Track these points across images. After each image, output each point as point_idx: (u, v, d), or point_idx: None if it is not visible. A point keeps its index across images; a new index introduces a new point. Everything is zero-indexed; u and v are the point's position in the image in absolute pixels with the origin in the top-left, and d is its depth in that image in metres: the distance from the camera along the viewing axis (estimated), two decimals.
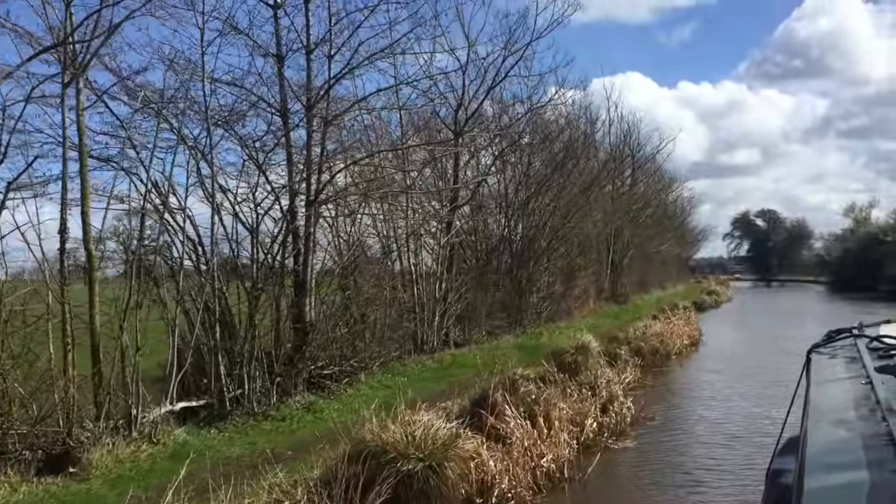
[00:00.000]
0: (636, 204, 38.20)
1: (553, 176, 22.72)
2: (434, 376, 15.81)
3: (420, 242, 17.54)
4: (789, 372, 4.35)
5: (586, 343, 16.18)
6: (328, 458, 8.44)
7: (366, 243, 16.73)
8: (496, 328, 20.84)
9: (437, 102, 17.70)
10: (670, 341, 21.44)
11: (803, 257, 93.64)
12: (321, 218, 14.90)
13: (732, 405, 15.40)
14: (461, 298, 18.45)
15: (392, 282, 17.05)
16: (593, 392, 13.67)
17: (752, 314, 38.11)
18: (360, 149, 15.60)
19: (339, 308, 14.74)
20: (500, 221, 21.81)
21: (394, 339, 16.35)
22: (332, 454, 8.55)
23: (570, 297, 26.92)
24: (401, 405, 9.22)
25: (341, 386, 13.78)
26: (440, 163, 17.97)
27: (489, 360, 18.28)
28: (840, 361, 2.60)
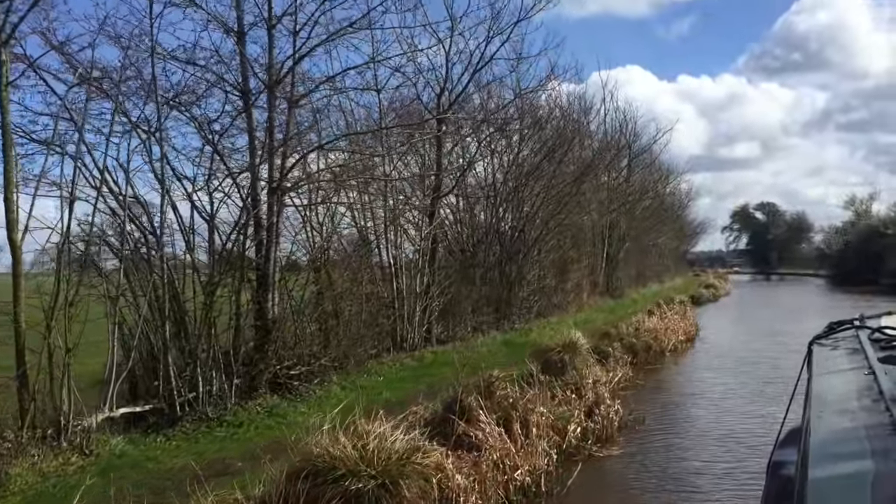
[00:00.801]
0: (632, 195, 37.26)
1: (543, 164, 21.76)
2: (412, 376, 14.94)
3: (400, 233, 16.61)
4: (787, 368, 3.99)
5: (574, 340, 15.30)
6: (277, 472, 7.58)
7: (341, 234, 15.80)
8: (482, 324, 19.95)
9: (419, 86, 16.78)
10: (665, 337, 20.56)
11: (803, 250, 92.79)
12: (293, 207, 14.03)
13: (727, 404, 14.54)
14: (444, 292, 17.55)
15: (370, 275, 16.15)
16: (579, 394, 12.80)
17: (750, 308, 37.23)
18: (333, 133, 14.70)
19: (310, 303, 13.84)
20: (487, 211, 20.86)
21: (370, 335, 15.46)
22: (282, 468, 7.69)
23: (562, 291, 26.02)
24: (359, 412, 8.30)
25: (311, 387, 12.90)
26: (422, 149, 17.03)
27: (473, 358, 17.47)
28: (842, 353, 2.57)
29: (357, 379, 14.17)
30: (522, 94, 19.25)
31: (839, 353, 2.59)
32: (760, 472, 2.95)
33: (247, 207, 11.18)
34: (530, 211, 22.23)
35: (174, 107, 10.67)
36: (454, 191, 18.49)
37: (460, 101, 18.06)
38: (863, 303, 30.32)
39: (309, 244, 14.01)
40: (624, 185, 36.90)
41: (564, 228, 25.99)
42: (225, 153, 11.34)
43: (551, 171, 22.28)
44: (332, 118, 15.29)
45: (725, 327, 28.48)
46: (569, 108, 25.59)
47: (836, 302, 37.22)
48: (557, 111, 24.82)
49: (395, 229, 16.56)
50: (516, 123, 21.47)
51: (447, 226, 20.57)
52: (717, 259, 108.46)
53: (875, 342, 2.57)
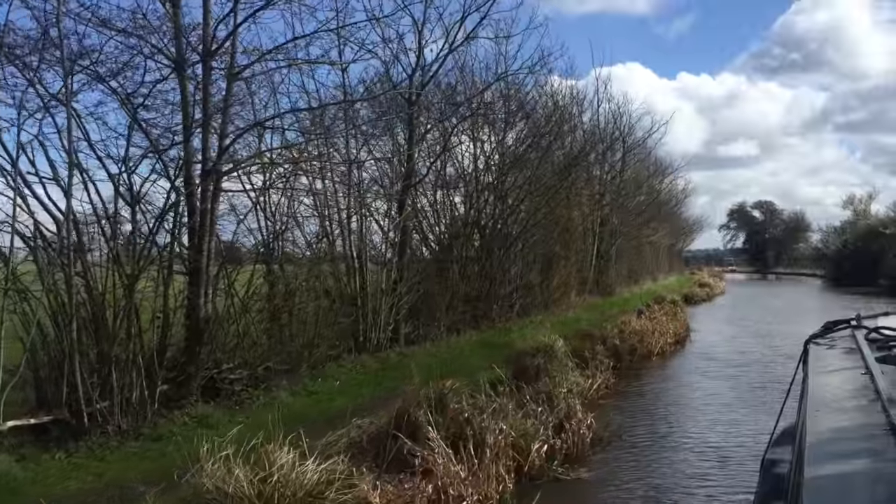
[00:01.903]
0: (626, 190, 35.97)
1: (528, 153, 20.47)
2: (373, 380, 13.68)
3: (366, 224, 15.34)
4: (780, 373, 3.96)
5: (550, 344, 14.08)
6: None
7: (300, 223, 14.50)
8: (458, 323, 18.68)
9: (390, 65, 15.47)
10: (652, 339, 19.32)
11: (800, 250, 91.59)
12: (245, 193, 12.76)
13: (715, 413, 13.35)
14: (414, 289, 16.28)
15: (332, 269, 14.89)
16: (550, 404, 11.56)
17: (745, 309, 35.99)
18: (292, 114, 13.40)
19: (259, 299, 12.58)
20: (466, 203, 19.58)
21: (329, 335, 14.21)
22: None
23: (547, 289, 24.74)
24: (278, 431, 7.04)
25: (256, 392, 11.66)
26: (390, 134, 15.74)
27: (442, 361, 16.22)
28: (838, 352, 2.54)
29: (311, 384, 12.93)
30: (505, 76, 17.91)
31: (835, 353, 2.54)
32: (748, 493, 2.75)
33: (176, 189, 9.89)
34: (513, 203, 20.96)
35: (91, 75, 9.36)
36: (427, 178, 17.18)
37: (436, 83, 16.77)
38: (861, 304, 29.14)
39: (261, 234, 12.73)
40: (617, 178, 35.61)
41: (551, 222, 24.73)
42: (152, 130, 10.03)
43: (537, 160, 20.98)
44: (291, 98, 14.01)
45: (718, 328, 27.27)
46: (558, 96, 24.24)
47: (833, 303, 35.98)
48: (547, 100, 23.56)
49: (361, 219, 15.27)
50: (500, 109, 20.19)
51: (421, 217, 19.29)
52: (715, 257, 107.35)
53: (872, 342, 2.51)
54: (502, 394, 12.22)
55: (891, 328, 2.65)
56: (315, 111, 11.73)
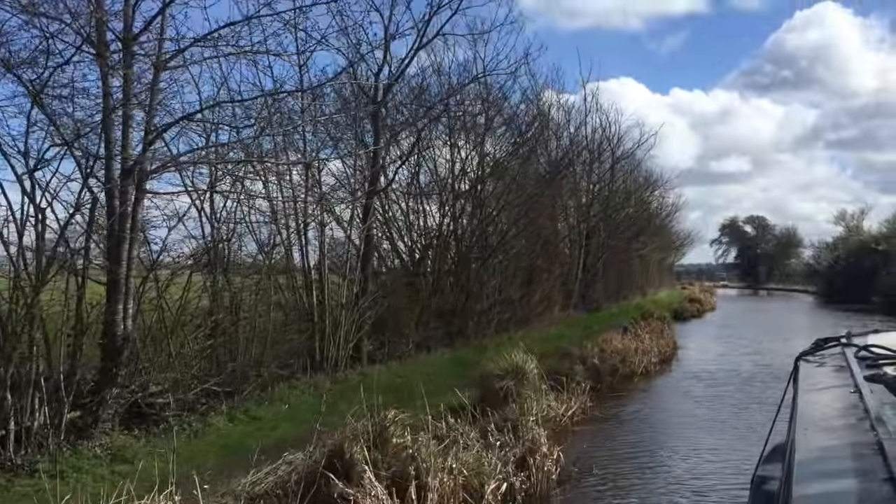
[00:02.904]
0: (614, 201, 34.95)
1: (509, 160, 19.40)
2: (328, 403, 12.48)
3: (326, 232, 14.19)
4: (768, 396, 4.04)
5: (521, 365, 12.94)
6: None
7: (252, 229, 13.34)
8: (429, 339, 17.53)
9: (354, 59, 14.37)
10: (635, 359, 18.19)
11: (792, 265, 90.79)
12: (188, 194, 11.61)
13: (696, 441, 12.23)
14: (378, 303, 15.12)
15: (287, 280, 13.74)
16: (516, 434, 10.41)
17: (736, 326, 34.89)
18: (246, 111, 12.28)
19: (199, 313, 11.40)
20: (440, 212, 18.48)
21: (280, 353, 13.04)
22: None
23: (528, 304, 23.62)
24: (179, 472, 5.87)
25: (191, 418, 10.49)
26: (357, 135, 14.62)
27: (409, 381, 15.04)
28: (828, 370, 2.54)
29: (255, 408, 11.73)
30: (480, 77, 16.83)
31: (825, 370, 2.52)
32: None
33: (89, 189, 8.74)
34: (492, 212, 19.88)
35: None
36: (397, 185, 16.08)
37: (406, 83, 15.71)
38: (854, 322, 28.13)
39: (204, 241, 11.57)
40: (606, 189, 34.60)
41: (533, 233, 23.66)
42: (66, 123, 8.89)
43: (517, 166, 19.91)
44: (246, 95, 12.86)
45: (707, 346, 26.17)
46: (541, 101, 23.22)
47: (825, 320, 34.94)
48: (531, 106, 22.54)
49: (321, 226, 14.14)
50: (479, 114, 19.13)
51: (392, 227, 18.18)
52: (706, 272, 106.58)
53: (861, 360, 2.49)
54: (464, 422, 11.13)
55: (880, 346, 2.62)
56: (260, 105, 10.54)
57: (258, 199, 12.76)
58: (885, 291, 45.17)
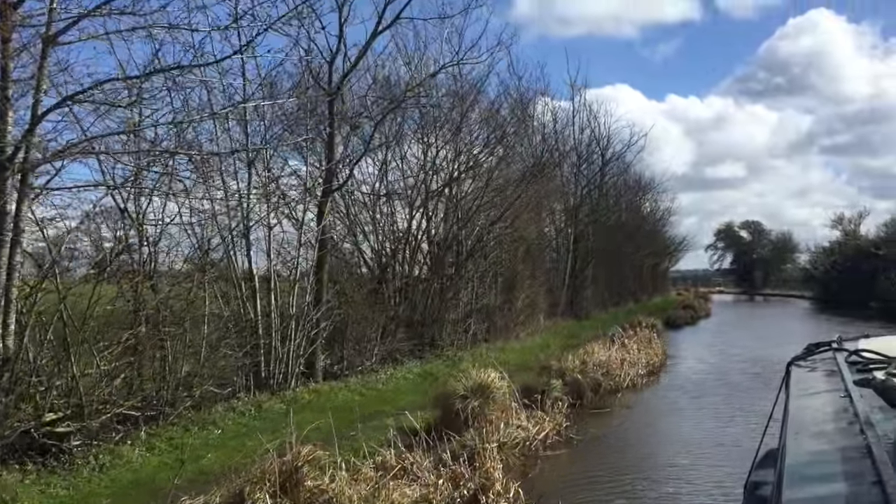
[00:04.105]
0: (603, 203, 33.65)
1: (486, 157, 18.07)
2: (269, 427, 11.07)
3: (271, 236, 12.81)
4: (761, 409, 2.51)
5: (487, 383, 11.56)
6: None
7: (192, 232, 11.96)
8: (397, 352, 16.15)
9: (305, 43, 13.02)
10: (620, 371, 16.81)
11: (788, 270, 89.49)
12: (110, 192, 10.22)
13: (683, 465, 10.88)
14: (334, 313, 13.74)
15: (226, 289, 12.35)
16: (472, 464, 9.03)
17: (730, 333, 33.50)
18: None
19: (112, 328, 10.00)
20: (409, 213, 17.13)
21: (217, 371, 11.64)
22: None
23: (511, 311, 22.25)
24: None
25: (95, 449, 9.08)
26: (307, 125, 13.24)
27: (366, 400, 13.66)
28: (819, 374, 2.58)
29: (181, 434, 10.32)
30: (450, 65, 15.47)
31: (817, 375, 2.58)
32: None
33: None
34: (467, 213, 18.52)
35: None
36: (359, 184, 14.72)
37: (366, 73, 14.36)
38: (852, 329, 26.79)
39: (118, 244, 10.18)
40: (595, 192, 33.30)
41: (515, 238, 22.32)
42: None
43: (494, 161, 18.57)
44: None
45: (699, 355, 24.78)
46: (523, 97, 21.91)
47: (822, 327, 33.58)
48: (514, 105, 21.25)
49: (267, 229, 12.76)
50: (454, 109, 17.79)
51: (358, 229, 16.81)
52: (702, 278, 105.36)
53: (852, 364, 2.54)
54: (418, 448, 9.75)
55: (870, 351, 2.61)
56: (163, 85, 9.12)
57: (194, 198, 11.32)
58: (884, 297, 43.84)
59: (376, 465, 9.29)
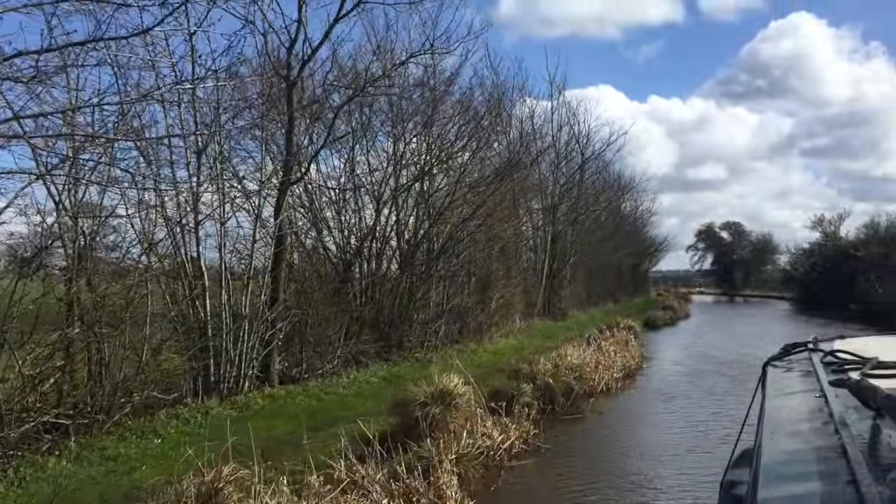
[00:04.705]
0: (582, 202, 33.11)
1: (455, 152, 17.39)
2: (215, 435, 10.31)
3: (224, 230, 12.04)
4: (737, 413, 4.00)
5: (449, 389, 10.87)
6: None
7: (140, 224, 11.17)
8: (361, 354, 15.43)
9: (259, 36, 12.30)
10: (595, 375, 16.21)
11: (768, 272, 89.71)
12: None
13: (650, 474, 10.31)
14: (292, 313, 13.01)
15: (172, 286, 11.58)
16: (427, 478, 8.36)
17: (710, 335, 33.07)
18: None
19: (36, 329, 9.20)
20: (376, 208, 16.41)
21: (160, 376, 10.88)
22: None
23: (483, 313, 21.59)
24: None
25: (25, 460, 8.32)
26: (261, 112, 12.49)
27: (324, 406, 12.94)
28: (795, 375, 2.57)
29: (116, 444, 9.54)
30: (420, 54, 14.75)
31: (792, 375, 2.58)
32: None
33: None
34: (436, 212, 17.84)
35: None
36: (320, 177, 13.99)
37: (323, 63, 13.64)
38: (832, 331, 26.43)
39: (42, 236, 9.38)
40: (574, 190, 32.74)
41: (490, 236, 21.68)
42: None
43: (465, 162, 17.92)
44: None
45: (677, 357, 24.29)
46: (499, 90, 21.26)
47: (802, 329, 33.34)
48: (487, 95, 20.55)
49: (219, 222, 12.00)
50: (426, 99, 17.10)
51: (322, 225, 16.08)
52: (683, 278, 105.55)
53: (827, 365, 2.53)
54: (372, 460, 9.06)
55: (845, 352, 2.62)
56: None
57: (138, 188, 10.54)
58: (863, 298, 43.77)
59: (325, 478, 8.66)
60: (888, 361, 2.40)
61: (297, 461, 9.17)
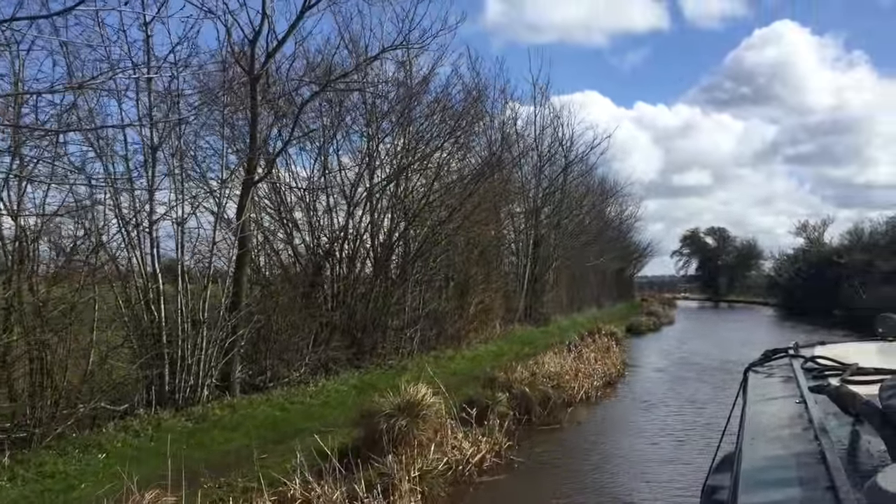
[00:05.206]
0: (566, 204, 32.63)
1: (430, 151, 16.84)
2: (165, 449, 9.68)
3: (182, 230, 11.41)
4: (719, 423, 3.74)
5: (417, 399, 10.29)
6: None
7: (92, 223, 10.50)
8: (332, 361, 14.82)
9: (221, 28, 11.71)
10: (574, 383, 15.68)
11: (753, 277, 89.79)
12: None
13: (626, 489, 9.78)
14: (254, 318, 12.39)
15: (124, 289, 10.93)
16: (387, 498, 7.78)
17: (694, 341, 32.64)
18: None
19: None
20: (348, 210, 15.81)
21: (106, 385, 10.21)
22: None
23: (462, 318, 21.02)
24: None
25: None
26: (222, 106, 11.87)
27: (288, 417, 12.30)
28: (776, 380, 2.59)
29: (56, 459, 8.88)
30: (393, 49, 14.17)
31: (773, 381, 2.58)
32: None
33: None
34: (412, 213, 17.27)
35: None
36: (272, 176, 13.37)
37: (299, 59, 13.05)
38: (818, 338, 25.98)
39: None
40: (557, 193, 32.26)
41: (470, 239, 21.14)
42: None
43: (442, 161, 17.37)
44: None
45: (660, 364, 23.83)
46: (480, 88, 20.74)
47: (786, 336, 33.02)
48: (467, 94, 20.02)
49: (177, 226, 11.36)
50: (401, 101, 16.54)
51: (292, 226, 15.46)
52: (669, 284, 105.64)
53: (807, 371, 2.55)
54: (329, 478, 8.46)
55: (825, 358, 2.62)
56: None
57: (85, 184, 9.90)
58: (847, 305, 43.56)
59: (278, 497, 8.07)
60: (867, 368, 2.38)
61: (251, 478, 8.60)
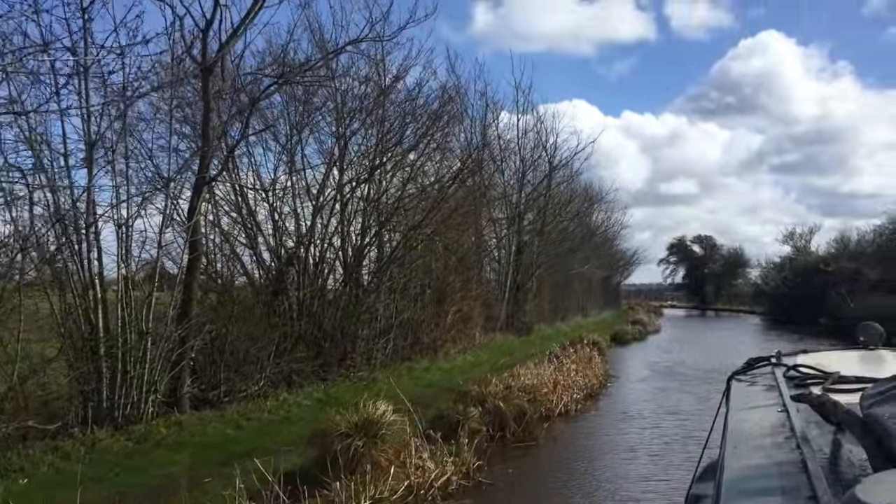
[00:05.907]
0: (551, 209, 31.92)
1: (401, 152, 16.05)
2: (97, 473, 8.78)
3: (123, 233, 10.52)
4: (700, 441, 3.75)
5: (375, 418, 9.45)
6: None
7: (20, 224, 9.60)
8: (295, 373, 13.94)
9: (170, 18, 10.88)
10: (553, 396, 14.87)
11: (739, 285, 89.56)
12: None
13: None
14: (203, 329, 11.50)
15: (69, 298, 10.02)
16: None
17: (679, 350, 31.92)
18: None
19: None
20: (314, 214, 14.97)
21: (34, 402, 9.31)
22: None
23: (438, 327, 20.20)
24: None
25: None
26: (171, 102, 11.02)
27: (239, 436, 11.41)
28: (758, 389, 2.58)
29: None
30: (356, 42, 13.35)
31: (756, 390, 2.59)
32: None
33: None
34: (385, 217, 16.45)
35: None
36: (227, 175, 12.52)
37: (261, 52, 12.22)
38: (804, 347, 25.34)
39: None
40: (541, 199, 31.55)
41: (448, 244, 20.36)
42: None
43: (415, 164, 16.58)
44: None
45: (644, 374, 23.05)
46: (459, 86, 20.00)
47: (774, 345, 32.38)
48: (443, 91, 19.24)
49: (119, 227, 10.48)
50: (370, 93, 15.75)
51: (254, 230, 14.60)
52: (656, 292, 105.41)
53: (790, 379, 2.55)
54: None
55: (808, 366, 2.61)
56: None
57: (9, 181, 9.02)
58: (833, 313, 43.09)
59: None
60: (849, 376, 2.37)
61: None
